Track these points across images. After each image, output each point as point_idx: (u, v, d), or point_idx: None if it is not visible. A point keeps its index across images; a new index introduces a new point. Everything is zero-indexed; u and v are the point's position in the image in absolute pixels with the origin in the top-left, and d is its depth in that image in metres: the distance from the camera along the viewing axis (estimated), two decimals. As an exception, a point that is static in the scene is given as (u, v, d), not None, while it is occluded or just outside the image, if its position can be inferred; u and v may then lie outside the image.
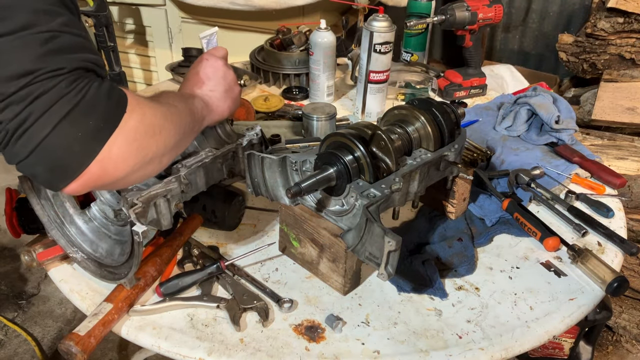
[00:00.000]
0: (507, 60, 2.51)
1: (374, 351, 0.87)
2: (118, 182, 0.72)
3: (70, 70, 0.65)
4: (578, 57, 2.07)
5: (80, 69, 0.66)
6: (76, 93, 0.64)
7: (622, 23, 1.96)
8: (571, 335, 1.69)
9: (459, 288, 1.00)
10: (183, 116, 0.84)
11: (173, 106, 0.83)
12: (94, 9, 2.13)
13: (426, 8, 1.83)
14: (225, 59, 1.06)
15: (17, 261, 2.43)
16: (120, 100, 0.69)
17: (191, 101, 0.92)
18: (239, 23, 2.28)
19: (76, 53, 0.66)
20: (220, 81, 1.01)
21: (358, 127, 0.98)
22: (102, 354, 2.02)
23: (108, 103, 0.67)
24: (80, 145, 0.65)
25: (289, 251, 1.06)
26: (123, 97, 0.70)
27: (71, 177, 0.67)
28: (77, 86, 0.65)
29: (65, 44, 0.65)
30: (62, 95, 0.63)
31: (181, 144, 0.85)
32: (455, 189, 1.11)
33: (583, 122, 2.02)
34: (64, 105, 0.63)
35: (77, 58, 0.66)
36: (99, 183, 0.69)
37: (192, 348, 0.86)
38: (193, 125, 0.89)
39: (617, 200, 1.24)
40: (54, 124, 0.63)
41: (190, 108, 0.89)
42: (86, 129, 0.65)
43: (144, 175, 0.76)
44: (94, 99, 0.66)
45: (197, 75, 1.00)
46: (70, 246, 0.98)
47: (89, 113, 0.65)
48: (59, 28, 0.65)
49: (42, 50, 0.63)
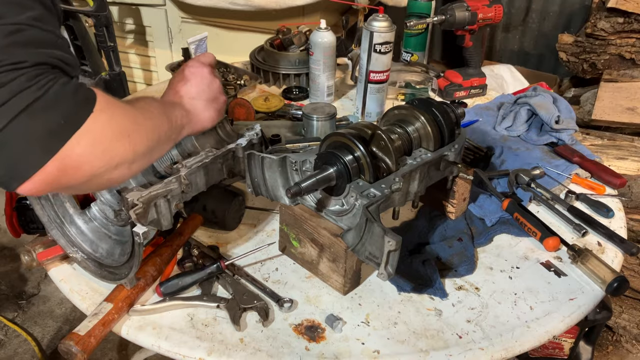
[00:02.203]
0: (507, 60, 2.51)
1: (374, 351, 0.87)
2: (80, 185, 0.68)
3: (33, 64, 0.62)
4: (578, 57, 2.07)
5: (44, 64, 0.63)
6: (38, 88, 0.61)
7: (622, 23, 1.95)
8: (571, 335, 1.69)
9: (459, 288, 1.00)
10: (158, 123, 0.81)
11: (148, 111, 0.79)
12: (94, 9, 2.12)
13: (426, 8, 1.83)
14: (212, 66, 1.02)
15: (17, 261, 2.43)
16: (87, 99, 0.66)
17: (170, 108, 0.88)
18: (239, 23, 2.28)
19: (43, 48, 0.64)
20: (204, 89, 0.97)
21: (358, 127, 0.98)
22: (102, 354, 2.02)
23: (73, 101, 0.64)
24: (38, 142, 0.62)
25: (289, 251, 1.06)
26: (91, 97, 0.67)
27: (26, 176, 0.63)
28: (39, 81, 0.61)
29: (32, 38, 0.63)
30: (21, 89, 0.60)
31: (154, 152, 0.80)
32: (455, 189, 1.12)
33: (583, 122, 2.02)
34: (22, 99, 0.60)
35: (43, 53, 0.63)
36: (58, 184, 0.66)
37: (192, 348, 0.86)
38: (170, 133, 0.84)
39: (617, 200, 1.24)
40: (9, 118, 0.60)
41: (168, 115, 0.85)
42: (46, 125, 0.62)
43: (110, 180, 0.72)
44: (57, 95, 0.62)
45: (181, 82, 0.96)
46: (70, 246, 0.98)
47: (50, 109, 0.62)
48: (27, 22, 0.63)
49: (5, 41, 0.60)
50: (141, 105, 0.80)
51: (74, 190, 0.78)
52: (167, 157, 1.03)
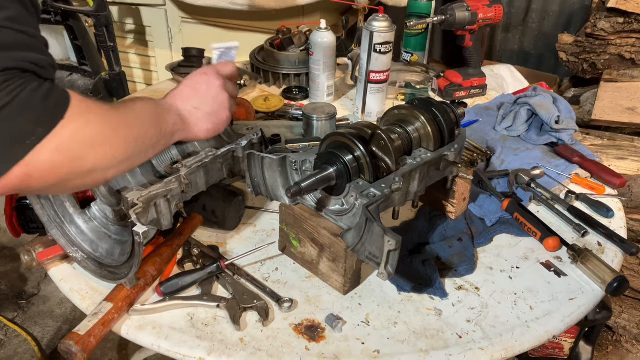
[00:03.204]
0: (507, 60, 2.51)
1: (374, 351, 0.87)
2: (48, 188, 0.68)
3: (2, 69, 0.60)
4: (578, 57, 2.07)
5: (14, 69, 0.61)
6: (6, 94, 0.60)
7: (622, 23, 1.95)
8: (571, 335, 1.69)
9: (459, 288, 1.00)
10: (144, 129, 0.79)
11: (135, 116, 0.78)
12: (94, 9, 2.13)
13: (426, 8, 1.83)
14: (229, 78, 1.00)
15: (17, 261, 2.43)
16: (58, 105, 0.64)
17: (164, 113, 0.86)
18: (239, 23, 2.28)
19: (13, 51, 0.62)
20: (208, 101, 0.94)
21: (358, 127, 0.98)
22: (102, 354, 2.02)
23: (42, 107, 0.63)
24: (3, 147, 0.61)
25: (289, 251, 1.06)
26: (63, 102, 0.65)
27: None
28: (7, 87, 0.60)
29: (1, 41, 0.61)
30: None
31: (137, 157, 0.79)
32: (455, 189, 1.11)
33: (583, 122, 2.02)
34: None
35: (13, 57, 0.62)
36: (23, 187, 0.65)
37: (192, 347, 0.86)
38: (158, 139, 0.83)
39: (617, 200, 1.24)
40: None
41: (159, 120, 0.84)
42: (11, 132, 0.61)
43: (83, 184, 0.72)
44: (26, 101, 0.61)
45: (188, 87, 0.94)
46: (70, 246, 0.98)
47: (18, 116, 0.61)
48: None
49: None
50: (129, 109, 0.78)
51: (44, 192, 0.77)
52: (167, 157, 1.03)
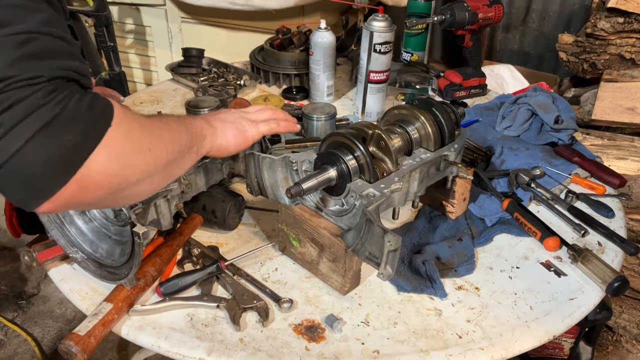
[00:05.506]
0: (507, 60, 2.50)
1: (373, 351, 0.87)
2: (99, 201, 0.66)
3: (50, 79, 0.59)
4: (578, 57, 2.07)
5: (60, 79, 0.60)
6: (55, 105, 0.58)
7: (622, 23, 1.95)
8: (571, 335, 1.69)
9: (459, 288, 1.00)
10: (177, 134, 0.79)
11: (165, 123, 0.77)
12: (94, 9, 2.12)
13: (426, 8, 1.82)
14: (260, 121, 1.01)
15: (17, 261, 2.42)
16: (105, 113, 0.63)
17: (189, 120, 0.86)
18: (239, 23, 2.28)
19: (57, 59, 0.61)
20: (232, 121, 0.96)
21: (358, 127, 0.98)
22: (102, 354, 2.02)
23: (90, 116, 0.61)
24: (57, 162, 0.59)
25: (289, 251, 1.06)
26: (108, 110, 0.64)
27: (46, 196, 0.60)
28: (55, 97, 0.59)
29: (44, 47, 0.60)
30: (38, 106, 0.57)
31: (175, 164, 0.78)
32: (455, 189, 1.11)
33: (583, 122, 2.02)
34: (40, 117, 0.57)
35: (58, 66, 0.61)
36: (79, 202, 0.63)
37: (192, 348, 0.86)
38: (191, 144, 0.83)
39: (617, 200, 1.24)
40: (27, 137, 0.57)
41: (187, 126, 0.83)
42: (65, 144, 0.59)
43: (135, 194, 0.71)
44: (74, 111, 0.60)
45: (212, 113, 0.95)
46: (70, 246, 0.98)
47: (68, 127, 0.59)
48: (37, 28, 0.59)
49: (17, 54, 0.57)
50: (155, 118, 0.78)
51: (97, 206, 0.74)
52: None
